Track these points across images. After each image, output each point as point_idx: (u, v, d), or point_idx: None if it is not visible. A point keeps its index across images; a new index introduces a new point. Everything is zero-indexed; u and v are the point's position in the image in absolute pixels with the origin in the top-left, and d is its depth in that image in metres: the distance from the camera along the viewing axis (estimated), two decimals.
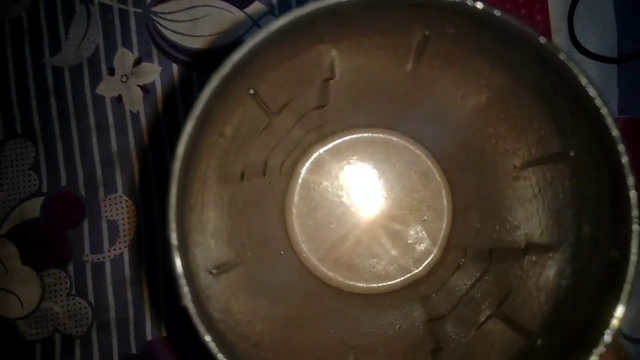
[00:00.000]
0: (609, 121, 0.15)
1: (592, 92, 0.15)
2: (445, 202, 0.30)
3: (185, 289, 0.16)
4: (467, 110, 0.22)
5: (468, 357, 0.20)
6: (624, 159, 0.15)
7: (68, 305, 0.38)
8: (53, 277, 0.38)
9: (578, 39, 0.37)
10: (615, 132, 0.15)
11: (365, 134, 0.31)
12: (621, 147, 0.15)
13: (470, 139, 0.24)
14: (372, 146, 0.31)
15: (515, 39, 0.15)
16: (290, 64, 0.18)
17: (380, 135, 0.31)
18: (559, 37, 0.37)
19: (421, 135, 0.30)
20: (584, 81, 0.15)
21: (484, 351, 0.20)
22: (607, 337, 0.14)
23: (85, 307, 0.38)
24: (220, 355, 0.16)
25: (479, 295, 0.23)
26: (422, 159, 0.30)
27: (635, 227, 0.15)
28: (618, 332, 0.15)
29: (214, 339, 0.16)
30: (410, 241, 0.31)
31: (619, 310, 0.15)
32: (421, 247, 0.31)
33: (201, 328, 0.16)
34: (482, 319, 0.21)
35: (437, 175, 0.30)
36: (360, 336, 0.24)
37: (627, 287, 0.15)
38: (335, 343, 0.23)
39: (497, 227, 0.24)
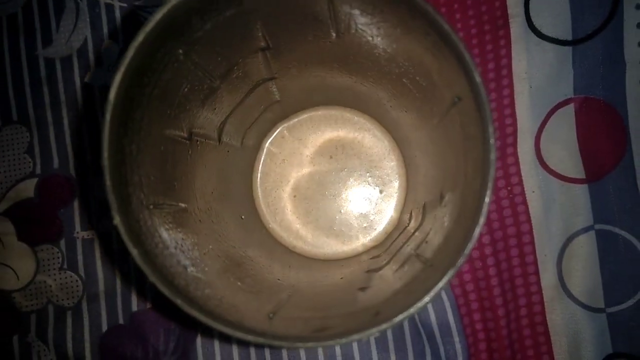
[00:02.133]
0: (469, 60, 0.17)
1: (455, 39, 0.17)
2: (398, 175, 0.32)
3: (115, 211, 0.18)
4: (393, 76, 0.24)
5: (381, 291, 0.23)
6: (483, 97, 0.17)
7: (60, 278, 0.41)
8: (46, 252, 0.41)
9: (534, 23, 0.38)
10: (477, 78, 0.17)
11: (324, 112, 0.33)
12: (481, 90, 0.17)
13: (404, 108, 0.27)
14: (331, 122, 0.33)
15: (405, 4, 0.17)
16: (218, 29, 0.20)
17: (339, 113, 0.33)
18: (517, 21, 0.39)
19: (374, 112, 0.32)
20: (448, 30, 0.17)
21: (396, 284, 0.22)
22: (462, 260, 0.17)
23: (77, 280, 0.41)
24: (145, 267, 0.18)
25: (408, 248, 0.25)
26: (378, 134, 0.33)
27: (492, 156, 0.17)
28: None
29: (140, 253, 0.18)
30: (369, 213, 0.33)
31: (476, 234, 0.17)
32: (379, 217, 0.33)
33: (128, 243, 0.18)
34: (404, 262, 0.24)
35: (391, 149, 0.32)
36: (304, 281, 0.27)
37: (484, 212, 0.17)
38: (277, 284, 0.26)
39: (431, 185, 0.26)
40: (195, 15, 0.19)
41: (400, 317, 0.17)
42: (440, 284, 0.17)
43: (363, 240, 0.33)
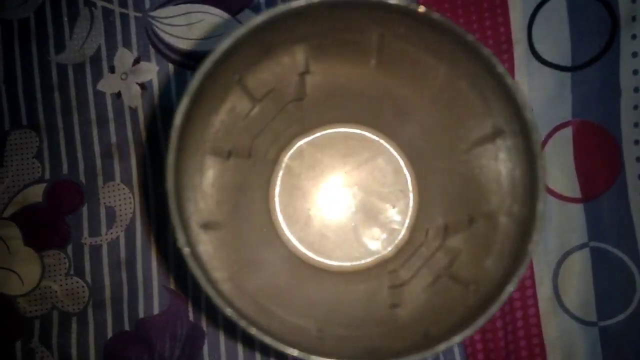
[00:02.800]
0: (524, 103, 0.18)
1: (509, 80, 0.18)
2: (411, 189, 0.34)
3: (180, 235, 0.19)
4: (424, 102, 0.25)
5: (419, 309, 0.24)
6: (535, 133, 0.18)
7: (66, 284, 0.41)
8: (53, 257, 0.41)
9: (536, 48, 0.40)
10: (528, 114, 0.18)
11: (341, 129, 0.34)
12: (532, 126, 0.18)
13: (428, 129, 0.28)
14: (348, 140, 0.35)
15: (449, 36, 0.19)
16: (269, 57, 0.22)
17: (355, 130, 0.34)
18: (520, 47, 0.40)
19: (390, 130, 0.33)
20: (501, 70, 0.18)
21: (431, 302, 0.23)
22: (511, 287, 0.18)
23: (83, 287, 0.41)
24: (209, 288, 0.19)
25: (434, 264, 0.27)
26: (391, 151, 0.34)
27: (541, 189, 0.18)
28: None
29: (203, 274, 0.19)
30: (381, 226, 0.35)
31: (526, 260, 0.18)
32: (391, 231, 0.35)
33: (192, 264, 0.19)
34: (434, 280, 0.25)
35: (404, 166, 0.34)
36: (332, 299, 0.28)
37: (535, 240, 0.18)
38: (310, 301, 0.27)
39: (452, 205, 0.28)
40: (253, 45, 0.20)
41: (456, 338, 0.18)
42: (494, 308, 0.18)
43: (376, 254, 0.34)
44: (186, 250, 0.19)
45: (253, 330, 0.19)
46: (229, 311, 0.19)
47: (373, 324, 0.24)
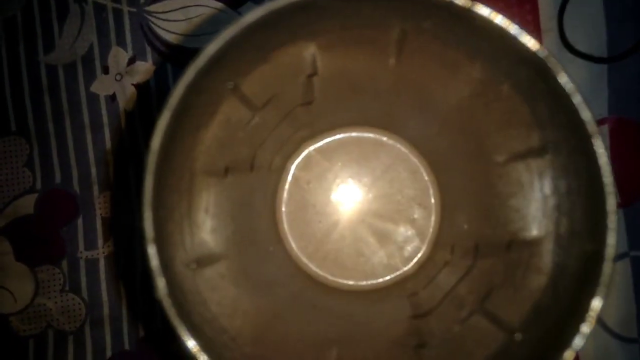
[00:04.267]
0: (586, 115, 0.15)
1: (568, 86, 0.15)
2: (433, 201, 0.30)
3: (160, 282, 0.16)
4: (451, 106, 0.22)
5: (450, 353, 0.21)
6: (601, 153, 0.15)
7: (61, 301, 0.38)
8: (47, 273, 0.38)
9: (568, 38, 0.37)
10: (591, 127, 0.15)
11: (355, 133, 0.31)
12: (598, 142, 0.15)
13: (455, 135, 0.25)
14: (362, 145, 0.31)
15: (489, 32, 0.15)
16: (269, 59, 0.18)
17: (370, 135, 0.31)
18: (549, 37, 0.37)
19: (409, 134, 0.30)
20: (559, 74, 0.15)
21: (466, 347, 0.20)
22: (586, 329, 0.15)
23: (79, 303, 0.38)
24: (196, 348, 0.16)
25: (463, 291, 0.23)
26: (411, 157, 0.31)
27: (611, 223, 0.15)
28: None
29: (189, 330, 0.16)
30: (399, 239, 0.31)
31: (596, 305, 0.15)
32: (410, 245, 0.31)
33: (175, 321, 0.16)
34: (466, 315, 0.22)
35: (425, 174, 0.31)
36: (345, 331, 0.25)
37: (603, 281, 0.15)
38: (319, 337, 0.23)
39: (483, 223, 0.24)
40: (249, 47, 0.17)
41: None
42: None
43: (395, 271, 0.31)
44: (167, 302, 0.16)
45: None
46: None
47: None
